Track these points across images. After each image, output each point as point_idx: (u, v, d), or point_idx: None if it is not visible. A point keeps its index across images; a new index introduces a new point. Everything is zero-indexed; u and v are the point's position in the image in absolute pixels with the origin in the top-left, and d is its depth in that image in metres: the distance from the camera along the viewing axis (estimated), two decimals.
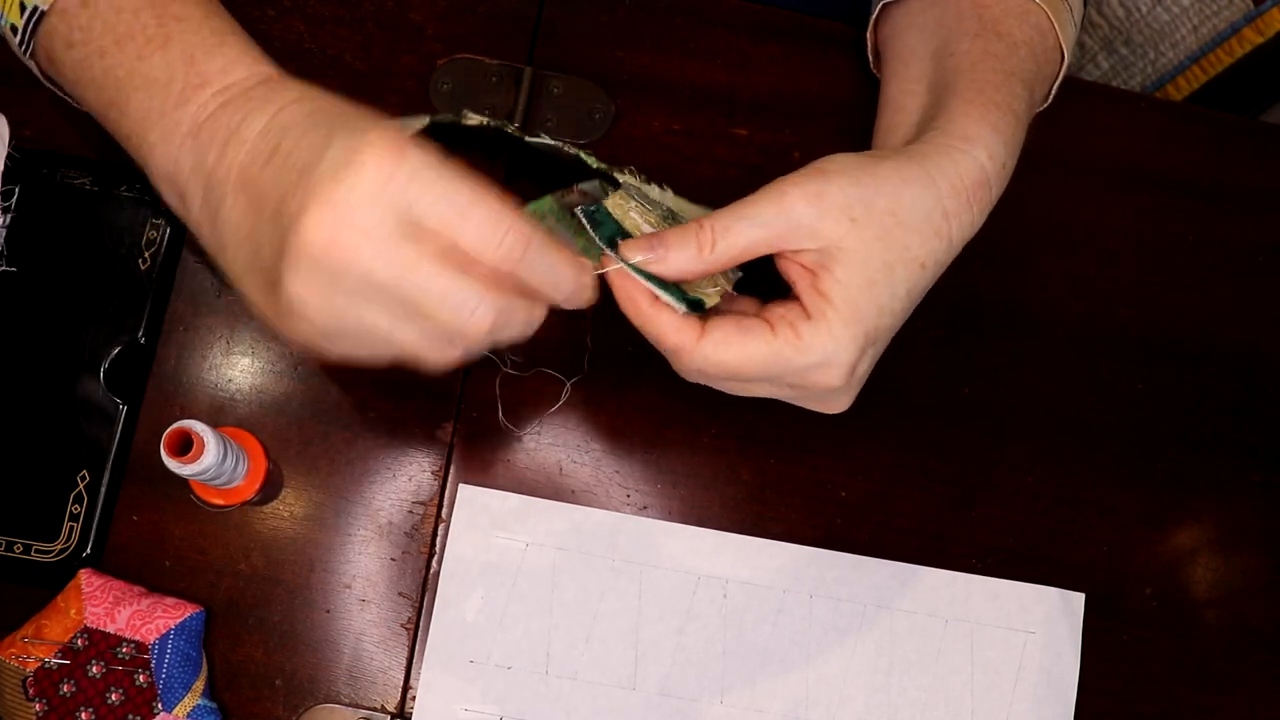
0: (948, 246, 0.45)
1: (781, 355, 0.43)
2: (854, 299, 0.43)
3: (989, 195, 0.46)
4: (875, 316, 0.43)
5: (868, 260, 0.43)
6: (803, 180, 0.44)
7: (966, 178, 0.45)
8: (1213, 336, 0.61)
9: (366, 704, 0.53)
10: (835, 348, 0.43)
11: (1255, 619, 0.58)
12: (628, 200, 0.49)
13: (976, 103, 0.47)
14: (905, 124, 0.51)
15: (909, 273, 0.44)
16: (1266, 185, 0.63)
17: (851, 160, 0.45)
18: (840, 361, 0.43)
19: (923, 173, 0.44)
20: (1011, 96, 0.48)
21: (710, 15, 0.61)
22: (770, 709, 0.54)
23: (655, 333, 0.44)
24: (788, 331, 0.43)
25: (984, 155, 0.46)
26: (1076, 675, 0.56)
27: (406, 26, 0.59)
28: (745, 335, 0.43)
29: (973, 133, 0.46)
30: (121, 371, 0.54)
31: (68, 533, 0.52)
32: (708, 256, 0.43)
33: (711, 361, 0.43)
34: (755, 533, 0.56)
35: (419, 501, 0.55)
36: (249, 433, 0.54)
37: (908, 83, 0.52)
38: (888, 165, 0.44)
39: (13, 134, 0.56)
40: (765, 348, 0.43)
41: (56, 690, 0.48)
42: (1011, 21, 0.51)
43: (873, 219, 0.43)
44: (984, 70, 0.49)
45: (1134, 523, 0.58)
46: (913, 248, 0.44)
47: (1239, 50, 0.76)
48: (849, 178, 0.44)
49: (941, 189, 0.44)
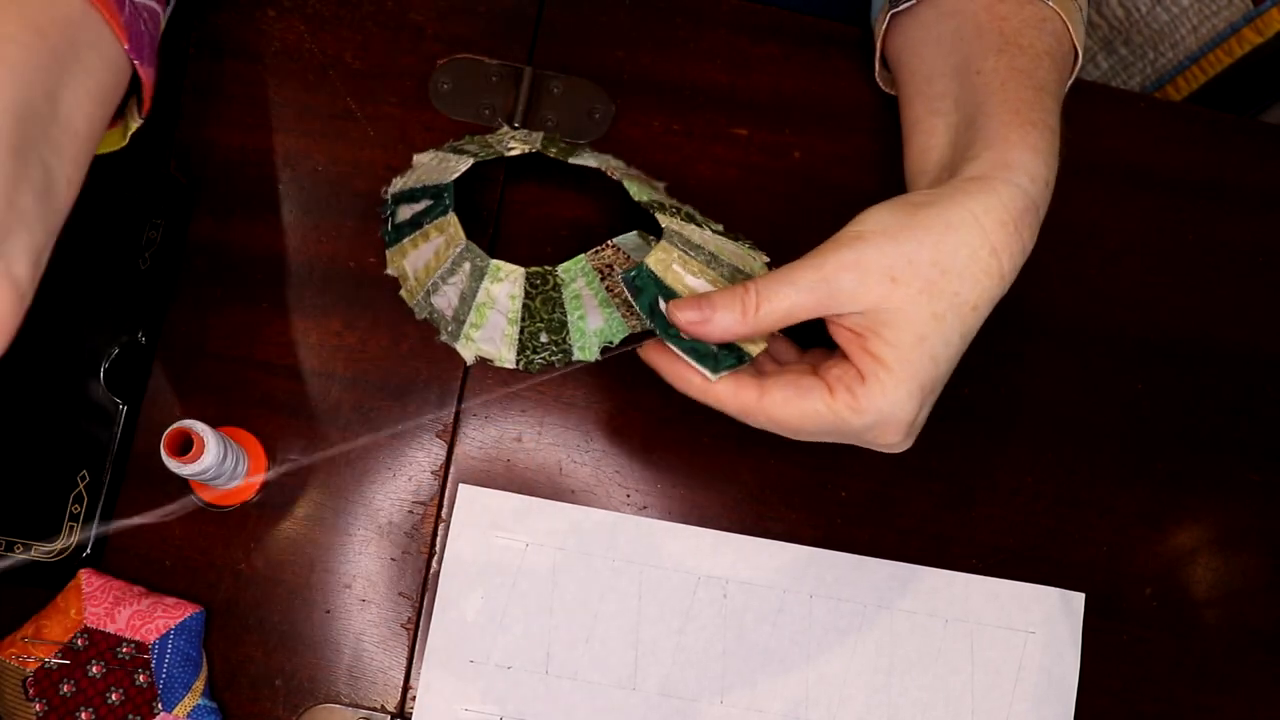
0: (1000, 282, 0.45)
1: (840, 417, 0.44)
2: (905, 357, 0.43)
3: (1036, 218, 0.46)
4: (931, 369, 0.44)
5: (915, 317, 0.43)
6: (840, 248, 0.44)
7: (1012, 208, 0.44)
8: (1213, 337, 0.61)
9: (366, 704, 0.53)
10: (891, 409, 0.43)
11: (1255, 619, 0.58)
12: (670, 251, 0.49)
13: (1014, 125, 0.47)
14: (938, 146, 0.51)
15: (960, 318, 0.44)
16: (1266, 185, 0.63)
17: (888, 216, 0.44)
18: (898, 419, 0.44)
19: (967, 214, 0.44)
20: (1045, 112, 0.48)
21: (710, 15, 0.61)
22: (770, 709, 0.54)
23: (715, 403, 0.46)
24: (845, 395, 0.44)
25: (1025, 180, 0.45)
26: (1076, 675, 0.56)
27: (406, 26, 0.59)
28: (804, 398, 0.44)
29: (1013, 158, 0.45)
30: (121, 371, 0.54)
31: (68, 533, 0.52)
32: (751, 320, 0.44)
33: (773, 419, 0.45)
34: (755, 533, 0.56)
35: (419, 501, 0.55)
36: (249, 433, 0.54)
37: (933, 101, 0.52)
38: (928, 214, 0.44)
39: None
40: (825, 409, 0.44)
41: (56, 690, 0.48)
42: (1031, 33, 0.50)
43: (916, 274, 0.43)
44: (1015, 88, 0.48)
45: (1134, 523, 0.58)
46: (962, 293, 0.44)
47: (1239, 50, 0.76)
48: (887, 237, 0.43)
49: (987, 226, 0.44)
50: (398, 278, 0.55)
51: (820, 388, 0.44)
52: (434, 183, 0.52)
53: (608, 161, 0.54)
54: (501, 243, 0.57)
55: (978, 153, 0.46)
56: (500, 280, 0.51)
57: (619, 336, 0.54)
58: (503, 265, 0.51)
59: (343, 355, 0.55)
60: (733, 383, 0.45)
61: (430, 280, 0.53)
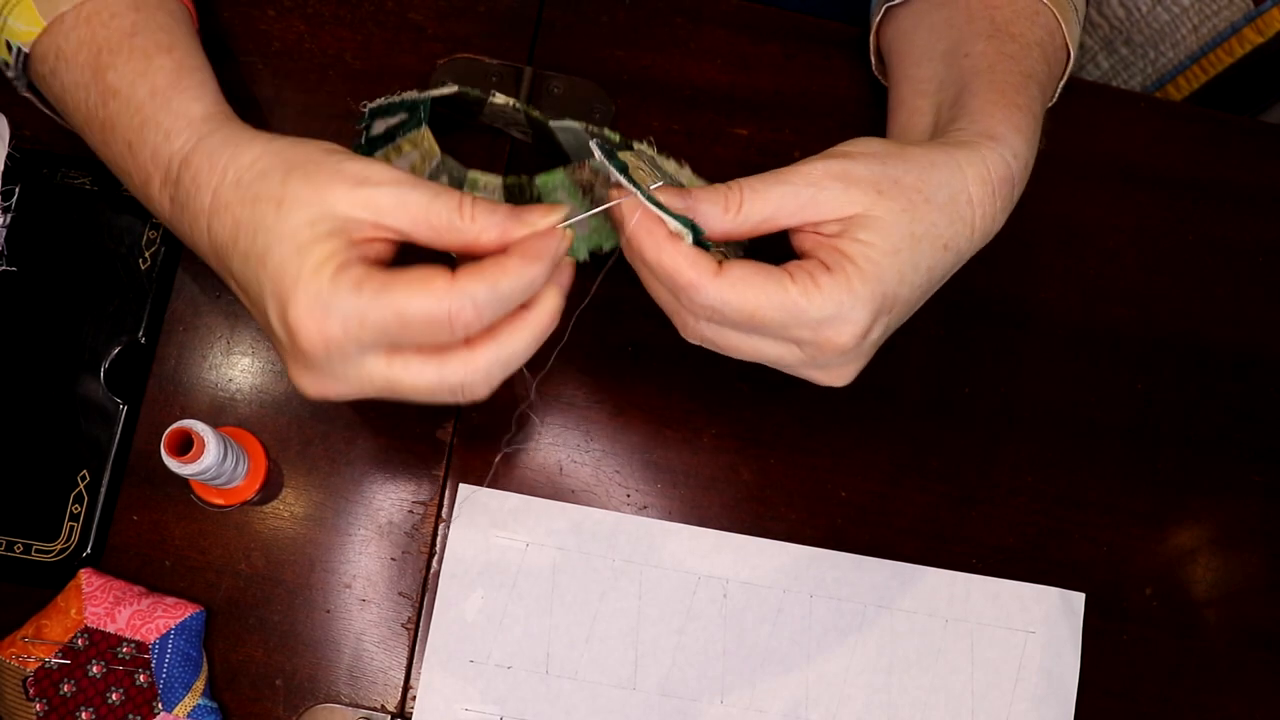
0: (970, 235, 0.45)
1: (797, 303, 0.41)
2: (876, 259, 0.42)
3: (1012, 192, 0.46)
4: (896, 282, 0.43)
5: (894, 228, 0.42)
6: (829, 159, 0.43)
7: (994, 171, 0.45)
8: (1213, 336, 0.61)
9: (366, 704, 0.53)
10: (852, 302, 0.42)
11: (1255, 619, 0.58)
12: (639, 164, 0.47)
13: (999, 104, 0.47)
14: (920, 125, 0.51)
15: (933, 250, 0.43)
16: (1266, 185, 0.63)
17: (876, 143, 0.44)
18: (855, 319, 0.42)
19: (950, 159, 0.44)
20: (1029, 99, 0.48)
21: (710, 15, 0.61)
22: (770, 709, 0.54)
23: (671, 265, 0.42)
24: (806, 280, 0.42)
25: (1009, 154, 0.45)
26: (1076, 675, 0.56)
27: (406, 26, 0.59)
28: (763, 277, 0.42)
29: (998, 132, 0.46)
30: (121, 371, 0.54)
31: (68, 533, 0.52)
32: (733, 217, 0.42)
33: (725, 301, 0.41)
34: (755, 533, 0.56)
35: (419, 501, 0.55)
36: (249, 433, 0.54)
37: (919, 83, 0.52)
38: (914, 151, 0.44)
39: (13, 134, 0.56)
40: (781, 292, 0.41)
41: (57, 690, 0.48)
42: (1023, 23, 0.51)
43: (900, 192, 0.43)
44: (1002, 72, 0.49)
45: (1134, 523, 0.58)
46: (939, 225, 0.43)
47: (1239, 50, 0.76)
48: (875, 159, 0.43)
49: (968, 175, 0.44)
50: None
51: (780, 272, 0.42)
52: (411, 98, 0.52)
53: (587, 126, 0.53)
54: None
55: (962, 125, 0.47)
56: (478, 190, 0.50)
57: (609, 244, 0.53)
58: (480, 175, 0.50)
59: None
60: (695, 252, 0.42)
61: None
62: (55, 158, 0.55)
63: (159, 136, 0.45)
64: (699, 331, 0.44)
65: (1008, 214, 0.46)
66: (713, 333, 0.44)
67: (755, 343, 0.44)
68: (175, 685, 0.49)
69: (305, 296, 0.39)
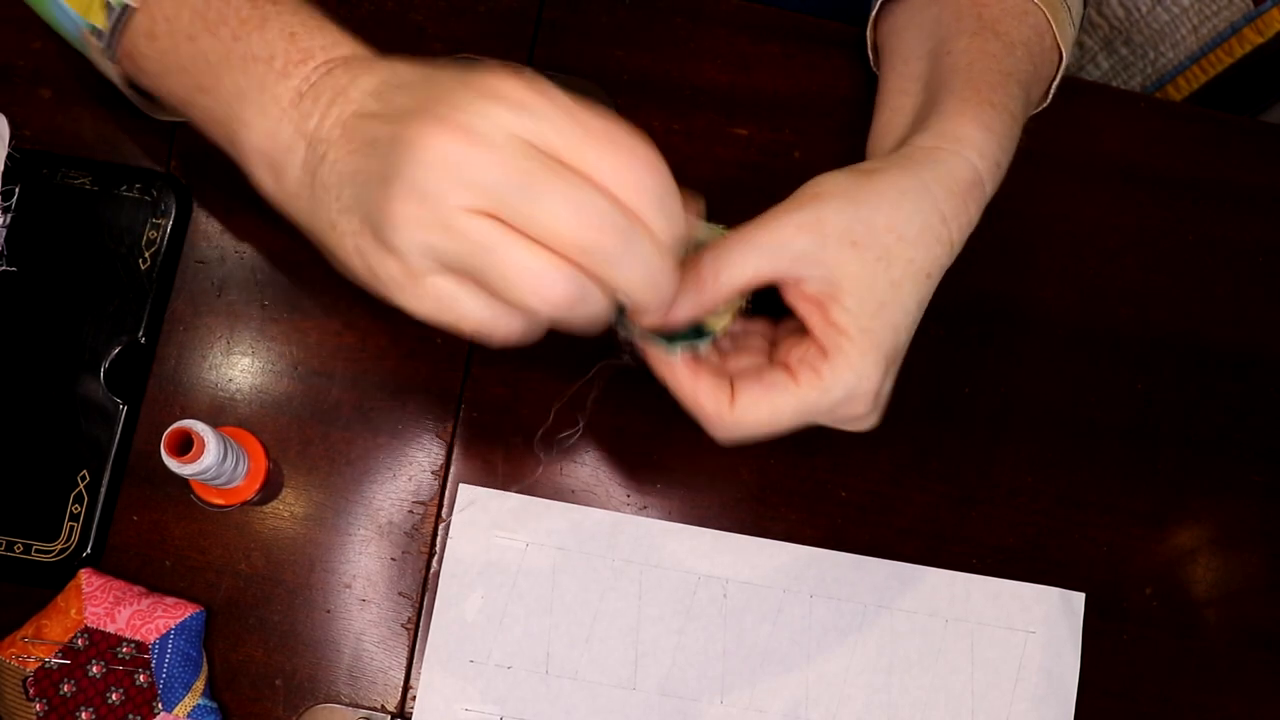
0: (949, 250, 0.45)
1: (808, 401, 0.43)
2: (867, 326, 0.43)
3: (983, 193, 0.46)
4: (892, 338, 0.43)
5: (874, 283, 0.43)
6: (798, 208, 0.43)
7: (961, 179, 0.45)
8: (1213, 336, 0.61)
9: (366, 704, 0.53)
10: (857, 380, 0.43)
11: (1255, 619, 0.58)
12: None
13: (971, 101, 0.47)
14: (900, 123, 0.51)
15: (916, 285, 0.44)
16: (1266, 185, 0.63)
17: (844, 179, 0.44)
18: (865, 391, 0.43)
19: (918, 182, 0.44)
20: (1007, 96, 0.48)
21: (710, 15, 0.61)
22: (770, 709, 0.54)
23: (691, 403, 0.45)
24: (809, 375, 0.43)
25: (974, 155, 0.46)
26: (1076, 675, 0.56)
27: (406, 26, 0.59)
28: (771, 392, 0.43)
29: (964, 133, 0.46)
30: (121, 371, 0.54)
31: (68, 533, 0.52)
32: (710, 292, 0.43)
33: (746, 425, 0.44)
34: (755, 533, 0.56)
35: (419, 501, 0.55)
36: (249, 433, 0.54)
37: (904, 81, 0.52)
38: (882, 179, 0.44)
39: (13, 134, 0.56)
40: (792, 399, 0.43)
41: (57, 690, 0.48)
42: (1010, 21, 0.51)
43: (875, 239, 0.43)
44: (980, 70, 0.49)
45: (1134, 523, 0.58)
46: (917, 260, 0.44)
47: (1239, 50, 0.76)
48: (846, 199, 0.43)
49: (937, 195, 0.44)
50: None
51: (784, 378, 0.43)
52: None
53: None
54: None
55: (931, 125, 0.47)
56: None
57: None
58: None
59: (343, 355, 0.55)
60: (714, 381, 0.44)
61: None
62: (55, 158, 0.55)
63: (348, 36, 0.44)
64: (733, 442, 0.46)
65: (981, 213, 0.47)
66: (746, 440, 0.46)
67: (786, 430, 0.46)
68: (175, 685, 0.49)
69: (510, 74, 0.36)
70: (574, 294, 0.36)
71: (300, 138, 0.42)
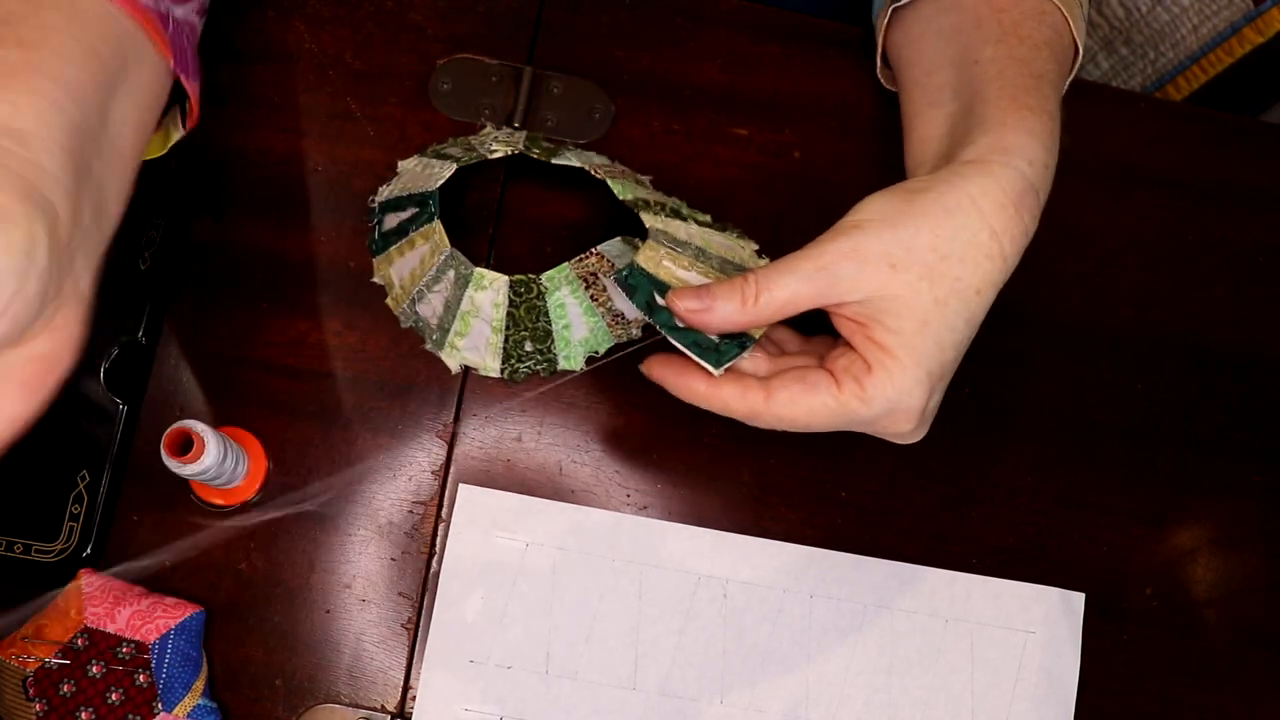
0: (1002, 265, 0.45)
1: (848, 408, 0.43)
2: (910, 344, 0.43)
3: (1036, 200, 0.46)
4: (936, 355, 0.43)
5: (916, 303, 0.43)
6: (839, 237, 0.44)
7: (1010, 191, 0.44)
8: (1213, 336, 0.61)
9: (366, 704, 0.53)
10: (899, 396, 0.43)
11: (1255, 619, 0.58)
12: (658, 248, 0.49)
13: (1010, 110, 0.47)
14: (936, 137, 0.51)
15: (964, 303, 0.44)
16: (1266, 185, 0.63)
17: (885, 204, 0.44)
18: (907, 407, 0.44)
19: (964, 198, 0.44)
20: (1042, 98, 0.48)
21: (710, 15, 0.61)
22: (770, 709, 0.54)
23: (722, 407, 0.45)
24: (852, 385, 0.43)
25: (1023, 163, 0.45)
26: (1076, 675, 0.56)
27: (406, 26, 0.59)
28: (810, 392, 0.44)
29: (1009, 142, 0.45)
30: (121, 371, 0.54)
31: (68, 533, 0.52)
32: (751, 310, 0.44)
33: (782, 420, 0.44)
34: (755, 533, 0.56)
35: (419, 501, 0.55)
36: (249, 433, 0.54)
37: (932, 93, 0.52)
38: (924, 199, 0.44)
39: None
40: (832, 402, 0.43)
41: (56, 690, 0.48)
42: (1031, 24, 0.51)
43: (915, 259, 0.43)
44: (1012, 76, 0.48)
45: (1134, 523, 0.58)
46: (964, 277, 0.44)
47: (1239, 50, 0.76)
48: (885, 224, 0.43)
49: (985, 209, 0.44)
50: (384, 285, 0.55)
51: (827, 381, 0.44)
52: (419, 190, 0.52)
53: (591, 160, 0.54)
54: (500, 242, 0.57)
55: (975, 138, 0.46)
56: (484, 288, 0.51)
57: (604, 346, 0.55)
58: (486, 273, 0.51)
59: (343, 355, 0.55)
60: (738, 386, 0.45)
61: (415, 288, 0.53)
62: None
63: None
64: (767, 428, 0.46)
65: (1038, 220, 0.46)
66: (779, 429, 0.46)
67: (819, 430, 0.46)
68: (175, 685, 0.49)
69: None
70: None
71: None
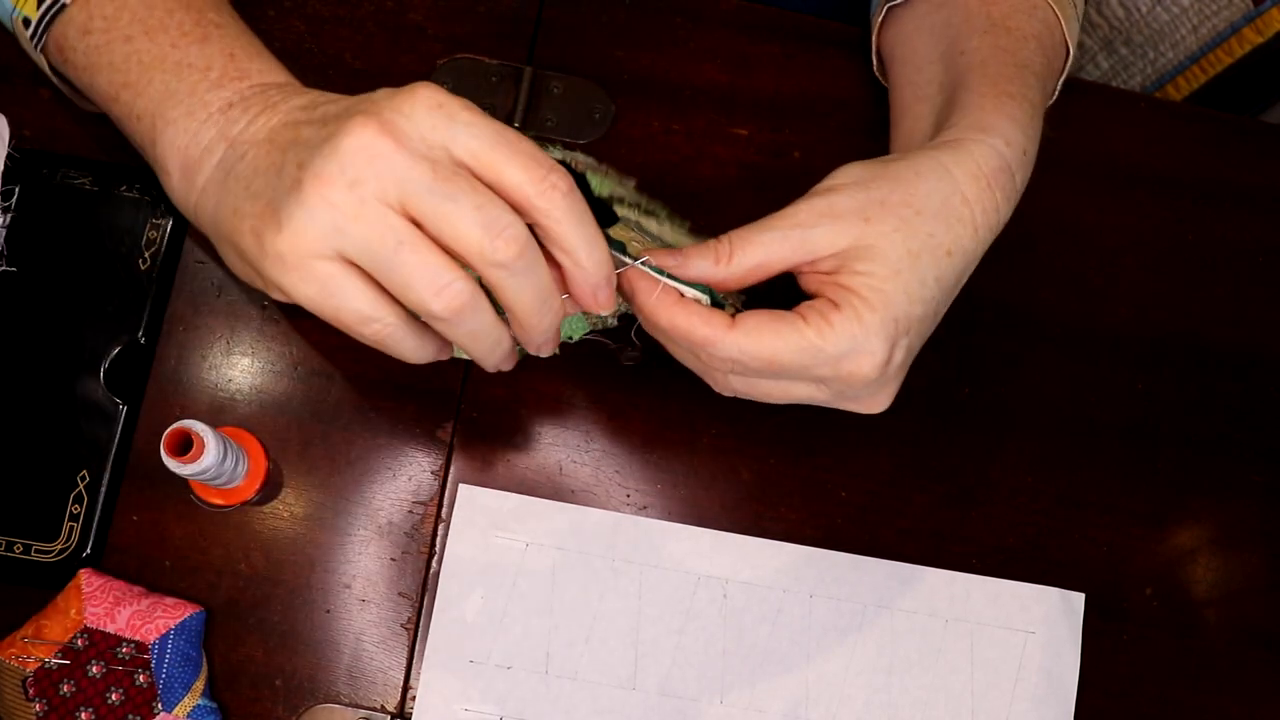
0: (974, 234, 0.45)
1: (813, 344, 0.43)
2: (880, 287, 0.43)
3: (1011, 181, 0.46)
4: (905, 304, 0.43)
5: (890, 251, 0.43)
6: (814, 198, 0.44)
7: (985, 165, 0.45)
8: (1213, 336, 0.61)
9: (366, 704, 0.53)
10: (865, 334, 0.43)
11: (1255, 619, 0.58)
12: (628, 230, 0.49)
13: (990, 95, 0.47)
14: (921, 130, 0.51)
15: (935, 259, 0.44)
16: (1266, 185, 0.63)
17: (859, 169, 0.45)
18: (871, 349, 0.43)
19: (937, 164, 0.44)
20: (1025, 87, 0.48)
21: (710, 15, 0.61)
22: (770, 709, 0.54)
23: (685, 325, 0.43)
24: (818, 320, 0.43)
25: (1000, 142, 0.45)
26: (1076, 675, 0.56)
27: (406, 26, 0.59)
28: (777, 323, 0.43)
29: (988, 123, 0.46)
30: (121, 371, 0.54)
31: (68, 533, 0.52)
32: (725, 267, 0.43)
33: (743, 350, 0.43)
34: (755, 533, 0.56)
35: (419, 501, 0.55)
36: (249, 433, 0.54)
37: (919, 87, 0.52)
38: (898, 165, 0.44)
39: (13, 134, 0.56)
40: (796, 335, 0.43)
41: (56, 690, 0.48)
42: (1020, 17, 0.51)
43: (888, 213, 0.43)
44: (996, 64, 0.49)
45: (1134, 523, 0.58)
46: (936, 234, 0.44)
47: (1239, 50, 0.76)
48: (858, 185, 0.44)
49: (958, 176, 0.44)
50: None
51: (793, 316, 0.43)
52: None
53: (575, 156, 0.54)
54: None
55: (955, 121, 0.47)
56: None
57: (578, 334, 0.54)
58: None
59: (343, 355, 0.55)
60: (705, 312, 0.44)
61: None
62: (55, 158, 0.55)
63: (283, 69, 0.47)
64: (729, 385, 0.46)
65: (1014, 203, 0.46)
66: (742, 384, 0.45)
67: (784, 386, 0.45)
68: (175, 685, 0.49)
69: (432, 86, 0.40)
70: (468, 303, 0.39)
71: (222, 140, 0.44)
